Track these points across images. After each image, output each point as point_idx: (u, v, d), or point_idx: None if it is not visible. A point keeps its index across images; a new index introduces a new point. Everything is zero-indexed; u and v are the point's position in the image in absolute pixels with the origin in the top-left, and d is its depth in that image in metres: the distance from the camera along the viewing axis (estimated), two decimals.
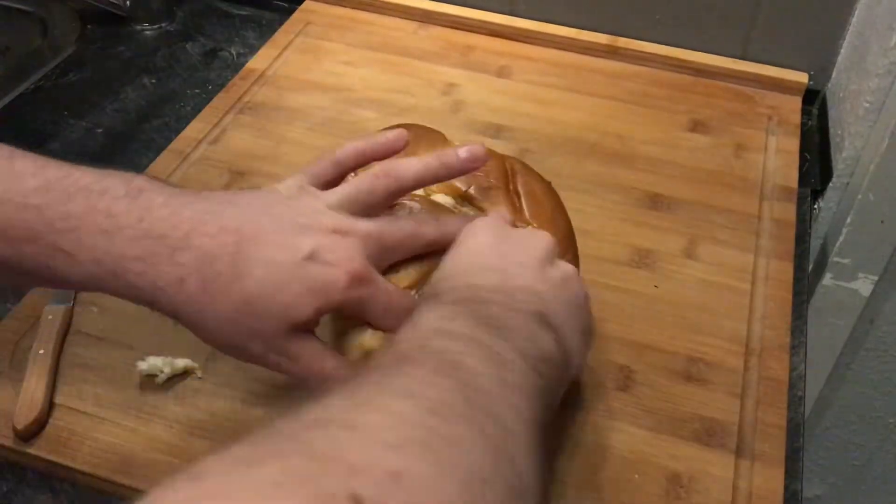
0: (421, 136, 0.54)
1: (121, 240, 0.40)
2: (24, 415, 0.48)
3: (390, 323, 0.42)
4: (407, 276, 0.46)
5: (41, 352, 0.52)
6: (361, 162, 0.47)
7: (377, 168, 0.46)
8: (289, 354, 0.41)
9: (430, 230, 0.46)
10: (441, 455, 0.26)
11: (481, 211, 0.51)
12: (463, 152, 0.46)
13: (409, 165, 0.45)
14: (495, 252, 0.43)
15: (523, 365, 0.35)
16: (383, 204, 0.46)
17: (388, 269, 0.45)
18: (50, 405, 0.50)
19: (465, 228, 0.45)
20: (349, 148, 0.47)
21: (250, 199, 0.43)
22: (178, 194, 0.42)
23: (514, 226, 0.48)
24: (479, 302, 0.38)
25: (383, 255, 0.44)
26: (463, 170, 0.47)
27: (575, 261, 0.51)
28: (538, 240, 0.45)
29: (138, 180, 0.42)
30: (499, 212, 0.49)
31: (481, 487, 0.26)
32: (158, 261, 0.40)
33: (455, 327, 0.35)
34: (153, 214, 0.40)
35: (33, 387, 0.50)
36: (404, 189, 0.46)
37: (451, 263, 0.43)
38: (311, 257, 0.40)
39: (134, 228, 0.40)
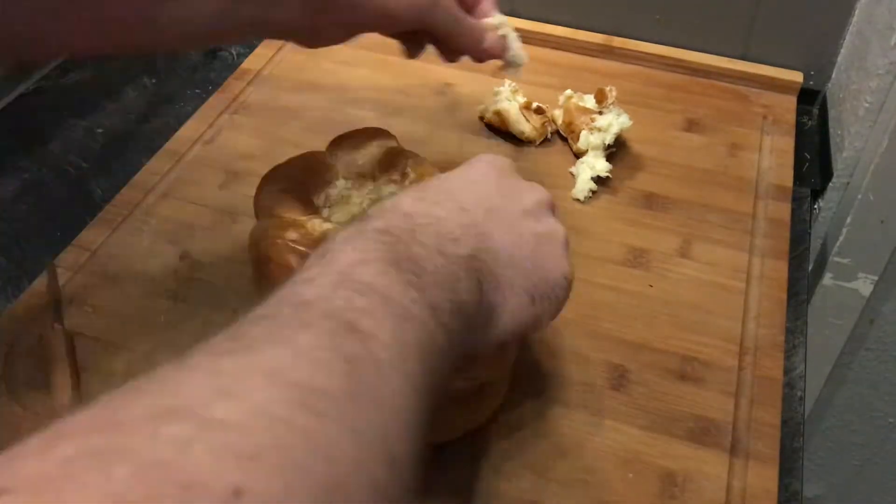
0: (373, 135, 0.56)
1: None
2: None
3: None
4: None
5: None
6: None
7: None
8: None
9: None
10: (297, 464, 0.23)
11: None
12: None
13: None
14: (488, 187, 0.41)
15: (431, 322, 0.32)
16: None
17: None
18: None
19: (478, 157, 0.43)
20: None
21: None
22: None
23: None
24: (405, 234, 0.35)
25: None
26: None
27: None
28: (533, 191, 0.43)
29: None
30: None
31: (338, 500, 0.23)
32: None
33: (365, 274, 0.32)
34: None
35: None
36: None
37: (438, 182, 0.41)
38: None
39: None
